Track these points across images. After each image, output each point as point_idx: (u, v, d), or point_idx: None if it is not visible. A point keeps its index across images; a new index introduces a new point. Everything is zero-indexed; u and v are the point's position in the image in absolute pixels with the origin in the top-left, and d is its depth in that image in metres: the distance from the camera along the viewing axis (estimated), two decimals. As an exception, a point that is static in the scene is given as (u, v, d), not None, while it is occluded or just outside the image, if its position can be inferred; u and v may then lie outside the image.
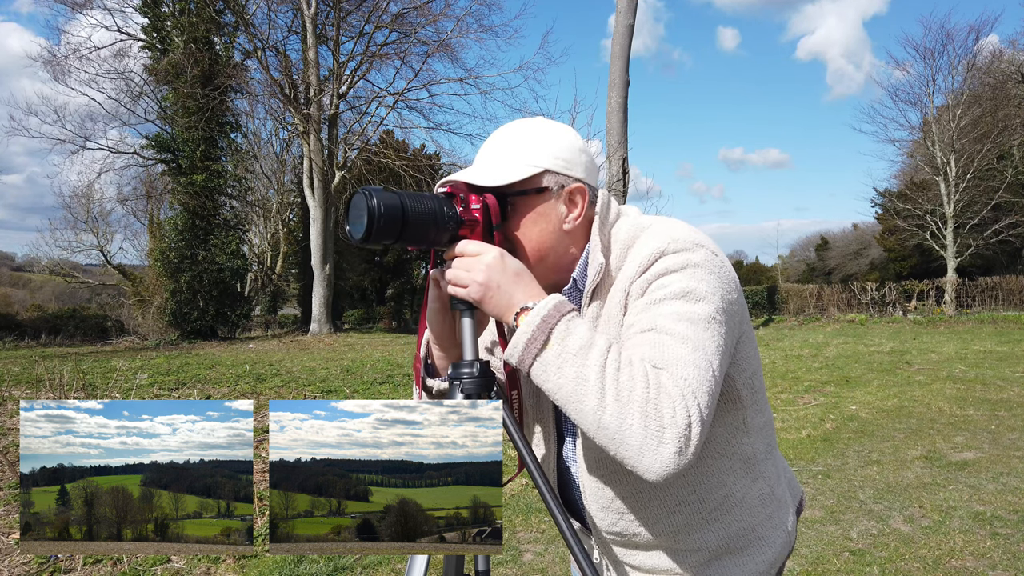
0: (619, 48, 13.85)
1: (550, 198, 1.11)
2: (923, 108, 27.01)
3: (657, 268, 1.05)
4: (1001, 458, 5.38)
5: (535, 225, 1.11)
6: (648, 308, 1.02)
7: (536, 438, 1.30)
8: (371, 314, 31.15)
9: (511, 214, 1.11)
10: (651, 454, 0.91)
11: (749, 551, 1.19)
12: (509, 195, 1.10)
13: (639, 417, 0.91)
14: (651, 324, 1.00)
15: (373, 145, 23.39)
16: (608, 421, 0.92)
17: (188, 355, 14.62)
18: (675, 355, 0.95)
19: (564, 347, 0.95)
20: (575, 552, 1.01)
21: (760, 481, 1.20)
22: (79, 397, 6.56)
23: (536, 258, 1.12)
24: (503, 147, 1.14)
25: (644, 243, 1.09)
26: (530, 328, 0.96)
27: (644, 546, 1.20)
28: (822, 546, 3.72)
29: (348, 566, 3.47)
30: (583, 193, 1.12)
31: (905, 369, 10.52)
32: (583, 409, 0.94)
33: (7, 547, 3.58)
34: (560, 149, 1.12)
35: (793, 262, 48.33)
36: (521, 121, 1.18)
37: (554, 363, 0.95)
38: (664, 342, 0.97)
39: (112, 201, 27.94)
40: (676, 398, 0.92)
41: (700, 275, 1.03)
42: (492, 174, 1.09)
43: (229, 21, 21.33)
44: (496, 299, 1.01)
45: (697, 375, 0.94)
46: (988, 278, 22.89)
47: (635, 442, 0.91)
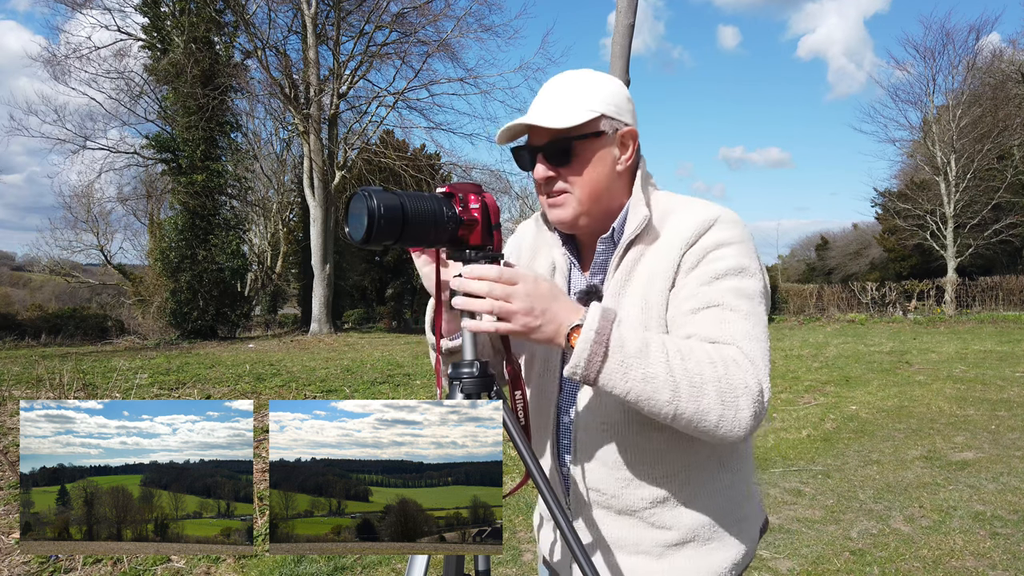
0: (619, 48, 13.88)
1: (606, 142, 1.18)
2: (923, 108, 27.03)
3: (711, 239, 1.12)
4: (1001, 458, 5.38)
5: (593, 168, 1.17)
6: (711, 283, 1.10)
7: (533, 387, 1.30)
8: (371, 314, 31.14)
9: (573, 157, 1.16)
10: (729, 423, 1.00)
11: (713, 544, 1.21)
12: (574, 139, 1.15)
13: (715, 396, 0.99)
14: (716, 300, 1.08)
15: (373, 145, 23.38)
16: (684, 408, 1.00)
17: (188, 355, 14.61)
18: (741, 330, 1.05)
19: (624, 354, 0.99)
20: (576, 553, 1.01)
21: (739, 479, 1.25)
22: (79, 397, 6.56)
23: (592, 200, 1.18)
24: (560, 94, 1.18)
25: (689, 212, 1.17)
26: (587, 344, 0.99)
27: (620, 510, 1.21)
28: (822, 546, 3.71)
29: (348, 566, 3.47)
30: (634, 136, 1.20)
31: (905, 369, 10.51)
32: (657, 404, 1.00)
33: (7, 547, 3.57)
34: (612, 95, 1.19)
35: (793, 262, 48.29)
36: (571, 72, 1.22)
37: (619, 371, 0.99)
38: (729, 318, 1.06)
39: (112, 201, 27.97)
40: (746, 368, 1.02)
41: (748, 251, 1.13)
42: (556, 118, 1.14)
43: (229, 21, 21.30)
44: (543, 328, 1.03)
45: (760, 346, 1.05)
46: (988, 278, 22.89)
47: (713, 418, 1.00)
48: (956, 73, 25.85)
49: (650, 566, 1.20)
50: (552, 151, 1.17)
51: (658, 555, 1.20)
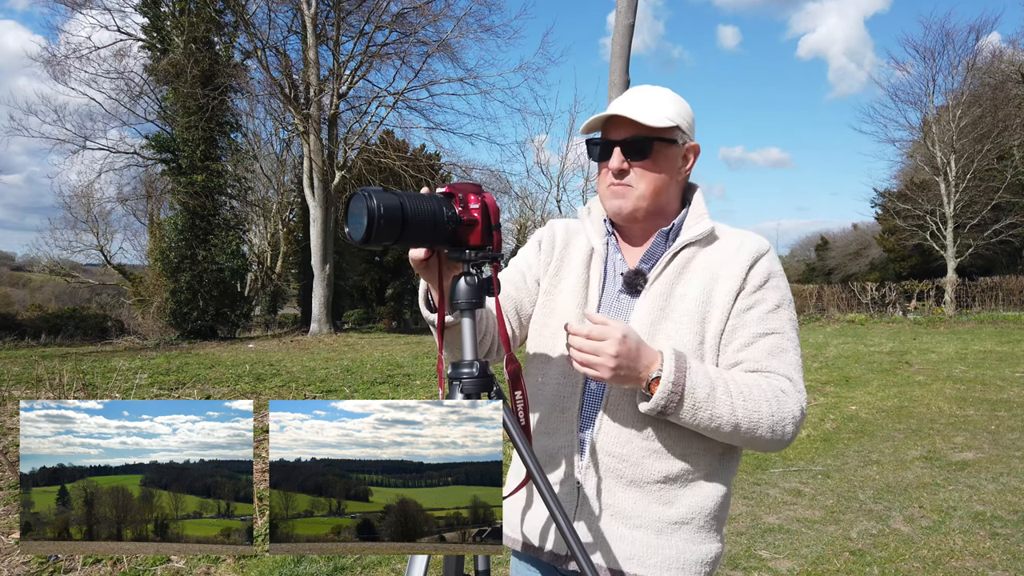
0: (619, 48, 13.86)
1: (676, 150, 1.34)
2: (923, 108, 27.02)
3: (768, 266, 1.32)
4: (1001, 458, 5.38)
5: (661, 169, 1.32)
6: (776, 311, 1.30)
7: (561, 353, 1.36)
8: (371, 314, 31.13)
9: (648, 153, 1.30)
10: (775, 445, 1.25)
11: (703, 535, 1.30)
12: (654, 139, 1.30)
13: (767, 429, 1.21)
14: (777, 328, 1.29)
15: (373, 145, 23.37)
16: (742, 436, 1.22)
17: (188, 355, 14.61)
18: (793, 362, 1.28)
19: (695, 399, 1.18)
20: (576, 554, 1.01)
21: (728, 481, 1.35)
22: (79, 397, 6.56)
23: (653, 196, 1.33)
24: (646, 99, 1.33)
25: (745, 236, 1.36)
26: (665, 394, 1.17)
27: (632, 480, 1.28)
28: (822, 546, 3.71)
29: (348, 566, 3.47)
30: (696, 152, 1.38)
31: (905, 369, 10.51)
32: (719, 435, 1.22)
33: (7, 547, 3.57)
34: (686, 113, 1.35)
35: (793, 262, 48.26)
36: (653, 86, 1.38)
37: (689, 412, 1.19)
38: (786, 347, 1.29)
39: (112, 201, 27.93)
40: (793, 397, 1.24)
41: (786, 281, 1.35)
42: (646, 115, 1.28)
43: (229, 21, 21.28)
44: (626, 376, 1.17)
45: (801, 372, 1.29)
46: (988, 278, 22.89)
47: (762, 443, 1.24)
48: (956, 73, 25.87)
49: (648, 540, 1.27)
50: (632, 145, 1.30)
51: (657, 531, 1.27)
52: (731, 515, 4.23)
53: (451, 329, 1.26)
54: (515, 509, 1.41)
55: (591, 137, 1.37)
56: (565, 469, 1.33)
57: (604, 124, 1.35)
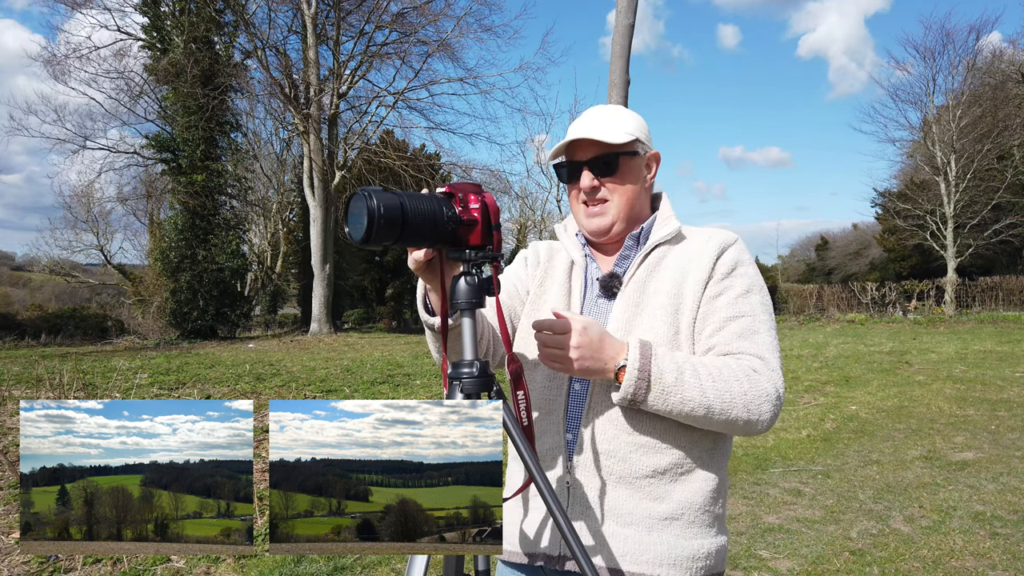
0: (619, 48, 13.86)
1: (640, 161, 1.41)
2: (923, 108, 27.03)
3: (735, 255, 1.35)
4: (1001, 458, 5.38)
5: (630, 181, 1.40)
6: (745, 295, 1.32)
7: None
8: (371, 314, 31.14)
9: (616, 170, 1.37)
10: (754, 425, 1.24)
11: (696, 530, 1.30)
12: (619, 154, 1.37)
13: (742, 407, 1.21)
14: (747, 311, 1.31)
15: (373, 145, 23.37)
16: (716, 419, 1.22)
17: (188, 355, 14.61)
18: (765, 342, 1.29)
19: (663, 385, 1.20)
20: (576, 554, 1.01)
21: (721, 475, 1.36)
22: (79, 397, 6.56)
23: (627, 208, 1.40)
24: (603, 119, 1.39)
25: (711, 231, 1.41)
26: (632, 381, 1.20)
27: (622, 476, 1.30)
28: (822, 546, 3.71)
29: (348, 566, 3.47)
30: (657, 159, 1.45)
31: (905, 369, 10.51)
32: (695, 419, 1.23)
33: (7, 547, 3.58)
34: (641, 125, 1.42)
35: (793, 262, 48.28)
36: (604, 105, 1.46)
37: (660, 398, 1.21)
38: (757, 329, 1.30)
39: (112, 201, 27.95)
40: (766, 376, 1.24)
41: (756, 269, 1.38)
42: (608, 135, 1.35)
43: (229, 21, 21.29)
44: (591, 368, 1.21)
45: (776, 353, 1.30)
46: (988, 278, 22.89)
47: (741, 423, 1.23)
48: (956, 73, 25.88)
49: (640, 537, 1.28)
50: (599, 163, 1.37)
51: (648, 527, 1.28)
52: (731, 515, 4.24)
53: (451, 330, 1.26)
54: (511, 520, 1.40)
55: (558, 161, 1.44)
56: (554, 470, 1.34)
57: (569, 148, 1.41)
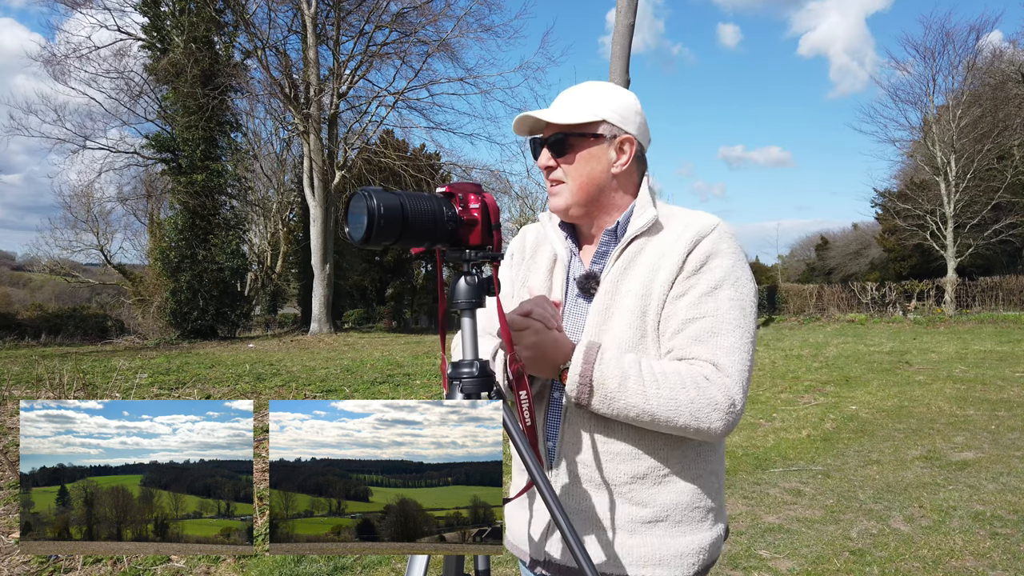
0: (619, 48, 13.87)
1: (604, 143, 1.32)
2: (923, 108, 27.02)
3: (711, 245, 1.25)
4: (1001, 458, 5.38)
5: (586, 164, 1.31)
6: (712, 292, 1.23)
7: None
8: (371, 314, 31.14)
9: (567, 150, 1.31)
10: (704, 435, 1.19)
11: (683, 527, 1.29)
12: (569, 135, 1.30)
13: (688, 416, 1.16)
14: (711, 311, 1.22)
15: (373, 145, 23.39)
16: (664, 426, 1.18)
17: (188, 355, 14.61)
18: (725, 345, 1.19)
19: (606, 390, 1.18)
20: (577, 554, 1.01)
21: (711, 471, 1.33)
22: (79, 397, 6.56)
23: (583, 192, 1.32)
24: (572, 97, 1.34)
25: (691, 217, 1.31)
26: (574, 385, 1.19)
27: (600, 484, 1.28)
28: (822, 546, 3.71)
29: (348, 566, 3.47)
30: (631, 143, 1.33)
31: (905, 369, 10.52)
32: (642, 423, 1.20)
33: (7, 547, 3.57)
34: (620, 106, 1.32)
35: (793, 262, 48.26)
36: (592, 81, 1.38)
37: (603, 403, 1.19)
38: (718, 330, 1.20)
39: (112, 200, 27.92)
40: (718, 384, 1.17)
41: (742, 260, 1.28)
42: (558, 115, 1.30)
43: (229, 21, 21.30)
44: (543, 368, 1.22)
45: (740, 358, 1.20)
46: (988, 278, 22.90)
47: (692, 431, 1.18)
48: (956, 73, 25.87)
49: (624, 541, 1.27)
50: (552, 143, 1.32)
51: (631, 531, 1.27)
52: (731, 515, 4.24)
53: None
54: (522, 520, 1.39)
55: (529, 137, 1.42)
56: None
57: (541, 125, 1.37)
